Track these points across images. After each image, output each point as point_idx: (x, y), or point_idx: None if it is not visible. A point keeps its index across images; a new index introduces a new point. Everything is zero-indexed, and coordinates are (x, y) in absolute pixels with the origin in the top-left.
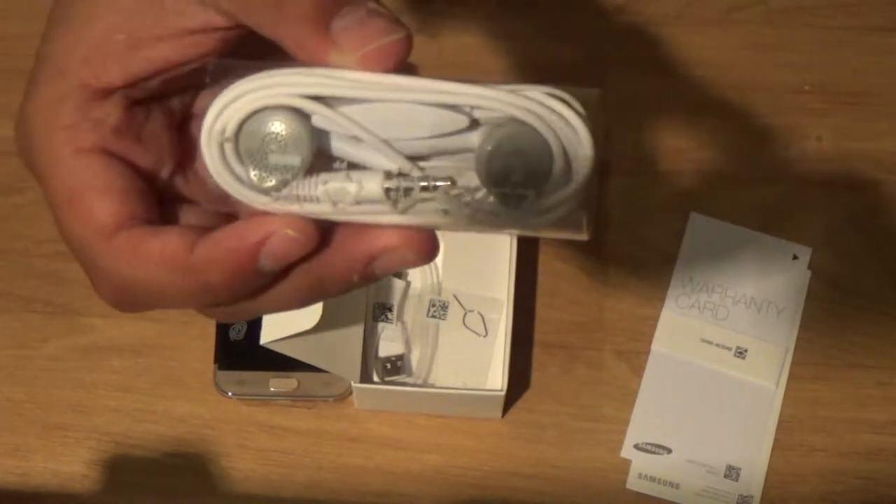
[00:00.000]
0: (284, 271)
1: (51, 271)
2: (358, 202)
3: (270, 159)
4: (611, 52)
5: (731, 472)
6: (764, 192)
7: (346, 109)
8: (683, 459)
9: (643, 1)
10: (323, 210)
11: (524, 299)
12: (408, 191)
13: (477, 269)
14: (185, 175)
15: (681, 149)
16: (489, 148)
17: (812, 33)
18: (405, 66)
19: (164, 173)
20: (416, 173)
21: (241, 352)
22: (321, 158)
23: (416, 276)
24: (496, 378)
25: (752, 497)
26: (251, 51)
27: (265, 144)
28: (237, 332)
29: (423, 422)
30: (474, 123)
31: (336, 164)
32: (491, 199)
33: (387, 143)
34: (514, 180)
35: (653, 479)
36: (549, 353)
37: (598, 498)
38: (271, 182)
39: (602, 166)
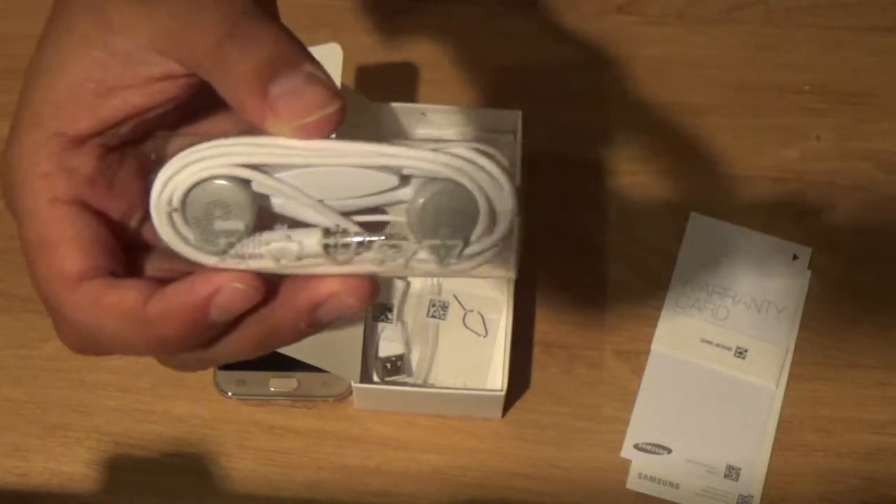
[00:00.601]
0: (235, 322)
1: None
2: (299, 258)
3: (215, 225)
4: (611, 52)
5: (731, 472)
6: (764, 192)
7: (283, 174)
8: (683, 459)
9: (643, 1)
10: (267, 265)
11: (524, 299)
12: (345, 246)
13: None
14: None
15: (681, 149)
16: (419, 205)
17: (812, 33)
18: (404, 66)
19: (134, 222)
20: (352, 229)
21: None
22: (264, 217)
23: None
24: (496, 378)
25: (752, 497)
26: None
27: (210, 211)
28: None
29: (423, 422)
30: (405, 179)
31: (278, 223)
32: (423, 250)
33: (322, 203)
34: (443, 233)
35: (653, 479)
36: (549, 353)
37: (598, 498)
38: (217, 245)
39: (602, 166)
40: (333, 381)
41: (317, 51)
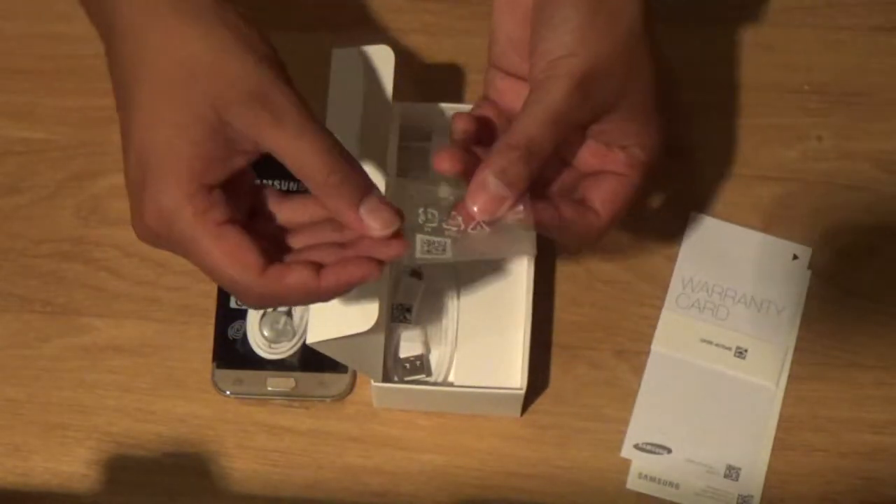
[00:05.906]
0: None
1: (51, 271)
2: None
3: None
4: None
5: (731, 472)
6: (764, 192)
7: None
8: (683, 459)
9: None
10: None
11: (536, 301)
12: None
13: (494, 270)
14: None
15: (681, 149)
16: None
17: (812, 33)
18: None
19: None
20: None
21: (239, 351)
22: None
23: (435, 276)
24: (514, 377)
25: (752, 497)
26: None
27: None
28: (235, 331)
29: (424, 422)
30: None
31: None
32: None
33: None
34: None
35: (653, 479)
36: (549, 353)
37: (598, 498)
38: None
39: None
40: (330, 381)
41: (368, 51)
